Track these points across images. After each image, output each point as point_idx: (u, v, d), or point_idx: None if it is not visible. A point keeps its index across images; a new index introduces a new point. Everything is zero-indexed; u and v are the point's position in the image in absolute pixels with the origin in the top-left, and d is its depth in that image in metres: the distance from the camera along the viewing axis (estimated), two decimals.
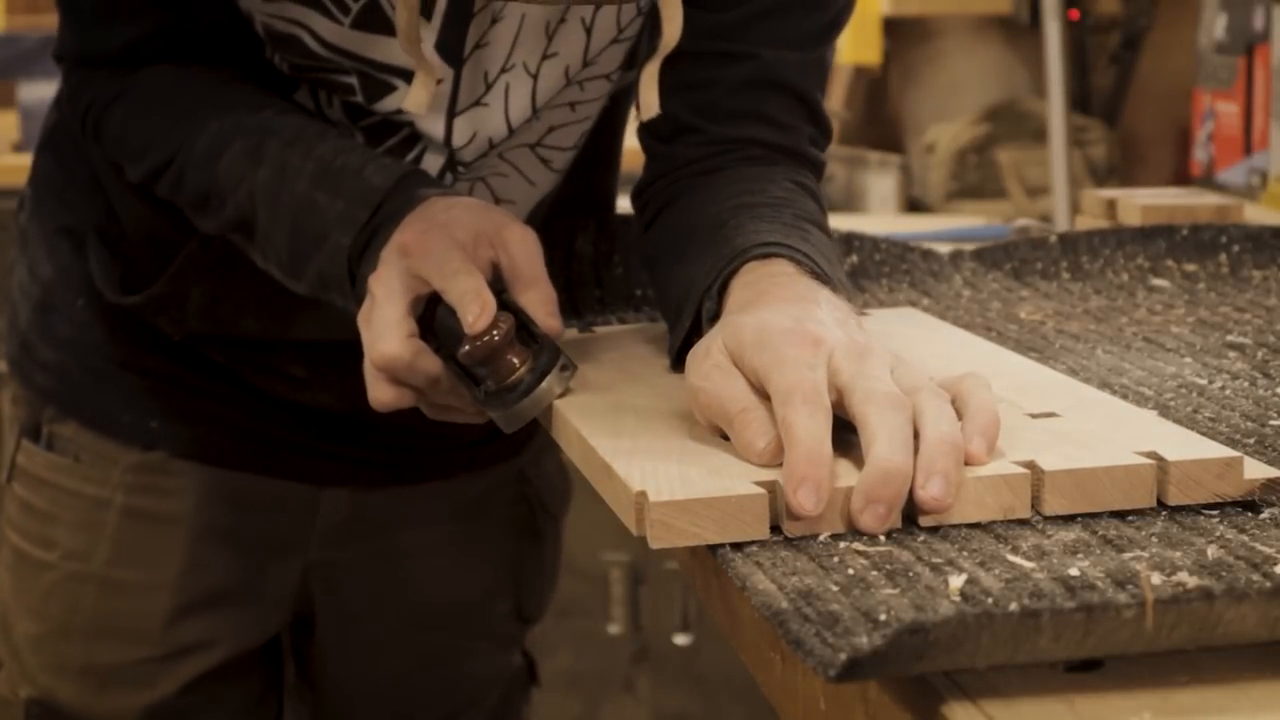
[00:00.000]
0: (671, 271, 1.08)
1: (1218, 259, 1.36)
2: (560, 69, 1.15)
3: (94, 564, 1.32)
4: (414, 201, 1.02)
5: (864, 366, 0.82)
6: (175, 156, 1.13)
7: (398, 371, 0.96)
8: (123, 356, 1.30)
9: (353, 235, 1.03)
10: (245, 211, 1.09)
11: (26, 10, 3.50)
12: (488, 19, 1.11)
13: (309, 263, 1.05)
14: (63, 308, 1.31)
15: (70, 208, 1.30)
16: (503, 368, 0.95)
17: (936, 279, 1.33)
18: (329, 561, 1.37)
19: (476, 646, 1.45)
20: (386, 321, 0.96)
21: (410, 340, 0.96)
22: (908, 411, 0.79)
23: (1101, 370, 1.05)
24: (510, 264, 0.98)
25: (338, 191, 1.04)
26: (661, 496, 0.76)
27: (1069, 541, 0.74)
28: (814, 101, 1.17)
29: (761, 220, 1.04)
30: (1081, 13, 2.84)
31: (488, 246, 0.98)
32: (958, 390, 0.83)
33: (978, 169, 2.80)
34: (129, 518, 1.32)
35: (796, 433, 0.78)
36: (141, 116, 1.17)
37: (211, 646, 1.34)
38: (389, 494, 1.37)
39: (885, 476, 0.76)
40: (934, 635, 0.62)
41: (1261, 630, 0.66)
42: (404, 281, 0.97)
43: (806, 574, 0.71)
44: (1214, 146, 2.34)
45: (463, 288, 0.95)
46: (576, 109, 1.19)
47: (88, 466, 1.31)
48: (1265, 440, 0.89)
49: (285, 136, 1.09)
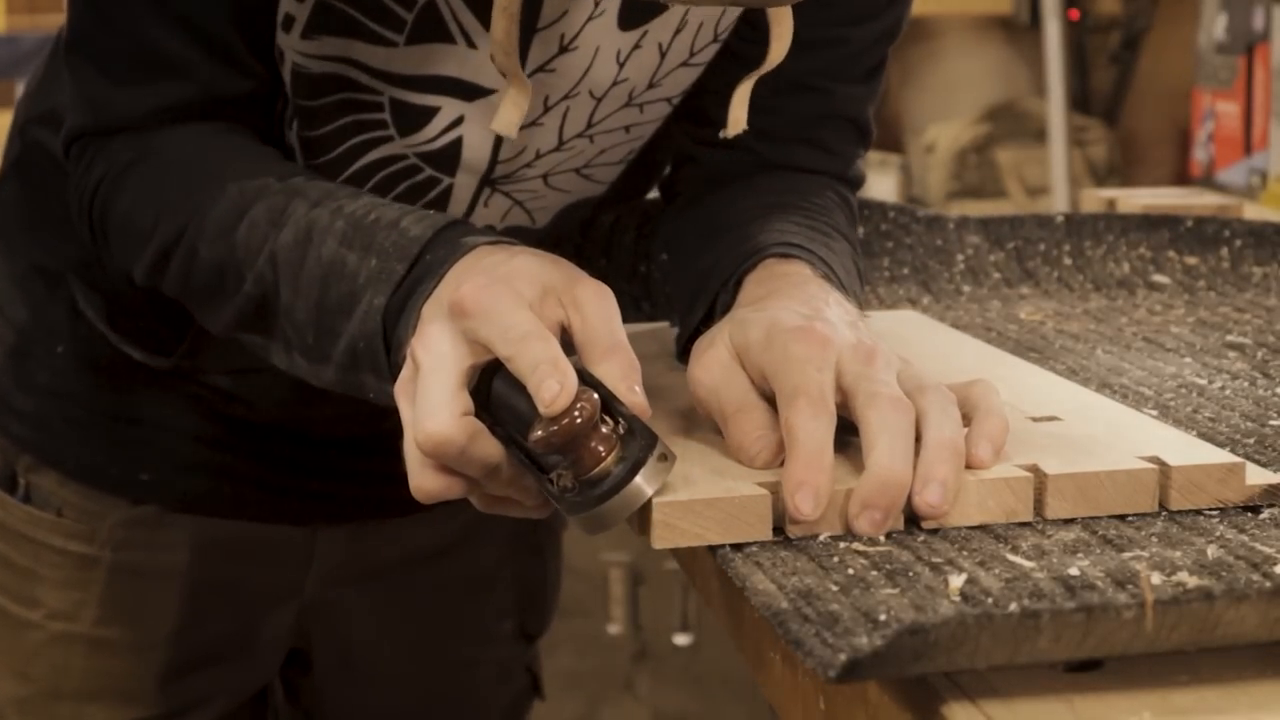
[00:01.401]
0: (692, 261, 1.06)
1: (1219, 253, 1.36)
2: (625, 91, 1.07)
3: (82, 624, 1.24)
4: (461, 250, 0.87)
5: (870, 369, 0.81)
6: (188, 228, 0.99)
7: (449, 458, 0.80)
8: (107, 405, 1.22)
9: (389, 294, 0.87)
10: (266, 284, 0.94)
11: (26, 10, 3.50)
12: (555, 43, 1.01)
13: (338, 338, 0.90)
14: (40, 354, 1.22)
15: (42, 244, 1.20)
16: (586, 457, 0.78)
17: (939, 259, 1.33)
18: (326, 601, 1.31)
19: (480, 672, 1.40)
20: (437, 395, 0.80)
21: (465, 420, 0.80)
22: (910, 416, 0.78)
23: (1101, 370, 1.05)
24: (584, 326, 0.82)
25: (370, 247, 0.89)
26: (664, 497, 0.76)
27: (1069, 541, 0.74)
28: (867, 126, 1.15)
29: (790, 221, 1.02)
30: (1081, 13, 2.85)
31: (556, 305, 0.83)
32: (968, 395, 0.82)
33: (978, 169, 2.80)
34: (119, 575, 1.24)
35: (798, 436, 0.78)
36: (155, 186, 1.02)
37: (208, 703, 1.28)
38: (385, 527, 1.30)
39: (882, 484, 0.76)
40: (934, 636, 0.63)
41: (1261, 630, 0.66)
42: (457, 346, 0.82)
43: (806, 574, 0.71)
44: (1214, 146, 2.34)
45: (536, 357, 0.78)
46: (631, 130, 1.10)
47: (72, 522, 1.23)
48: (1265, 440, 0.89)
49: (313, 197, 0.95)
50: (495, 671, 1.41)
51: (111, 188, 1.04)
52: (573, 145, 1.09)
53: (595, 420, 0.78)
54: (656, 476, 0.77)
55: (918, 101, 3.00)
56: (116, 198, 1.04)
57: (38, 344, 1.22)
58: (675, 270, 1.11)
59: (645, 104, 1.09)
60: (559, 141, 1.07)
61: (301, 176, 0.98)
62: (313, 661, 1.34)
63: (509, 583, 1.39)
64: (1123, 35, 2.89)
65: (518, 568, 1.40)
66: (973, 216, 1.38)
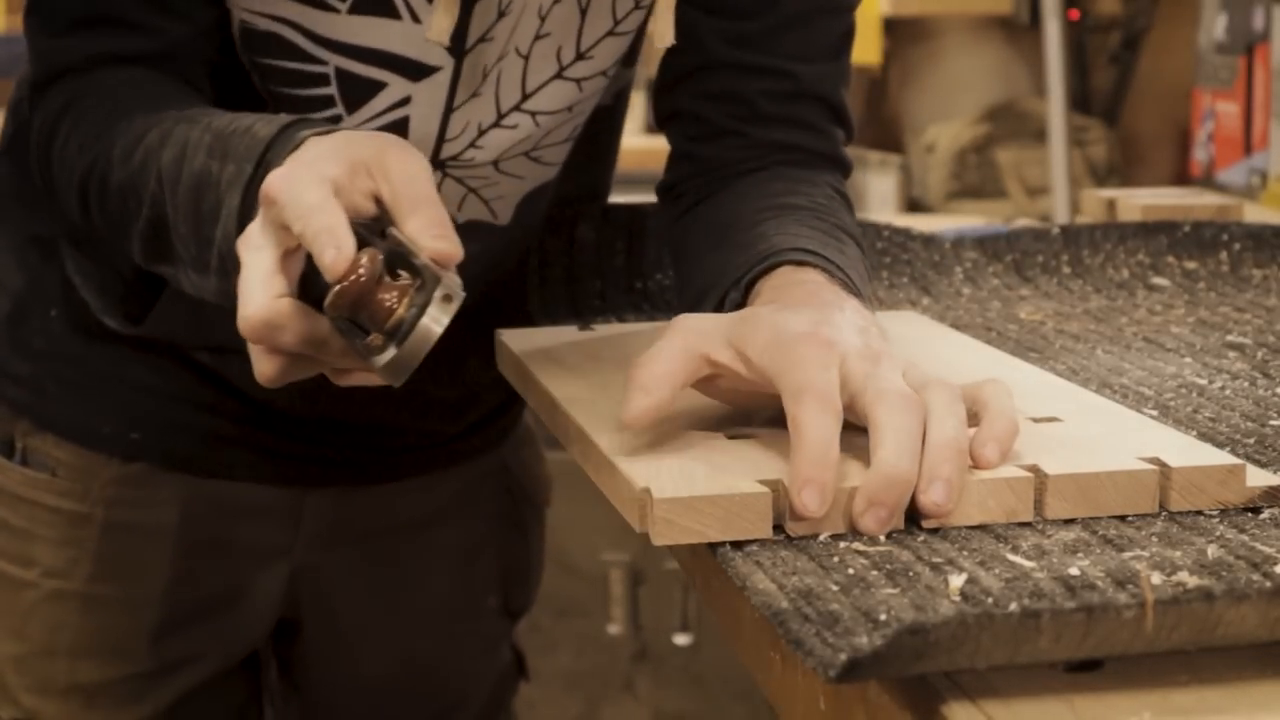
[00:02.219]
0: (701, 260, 1.07)
1: (1218, 256, 1.36)
2: (552, 50, 1.11)
3: (76, 581, 1.27)
4: (294, 144, 0.90)
5: (876, 369, 0.81)
6: (98, 159, 1.03)
7: (271, 337, 0.83)
8: (99, 367, 1.25)
9: (240, 195, 0.91)
10: (158, 204, 0.98)
11: None
12: (493, 11, 1.08)
13: (211, 246, 0.93)
14: (35, 319, 1.26)
15: (37, 215, 1.24)
16: (378, 312, 0.82)
17: (937, 270, 1.33)
18: (315, 565, 1.34)
19: (464, 645, 1.43)
20: (250, 282, 0.83)
21: (278, 300, 0.83)
22: (919, 414, 0.78)
23: (1101, 370, 1.05)
24: (391, 190, 0.86)
25: (228, 154, 0.93)
26: (665, 493, 0.76)
27: (1069, 541, 0.74)
28: (842, 106, 1.18)
29: (801, 225, 1.04)
30: (1081, 13, 2.85)
31: (365, 177, 0.86)
32: (978, 395, 0.82)
33: (978, 169, 2.81)
34: (111, 532, 1.27)
35: (805, 432, 0.78)
36: (78, 124, 1.06)
37: (200, 660, 1.31)
38: (373, 494, 1.34)
39: (888, 481, 0.76)
40: (934, 635, 0.63)
41: (1261, 630, 0.66)
42: (267, 234, 0.85)
43: (806, 574, 0.71)
44: (1214, 146, 2.34)
45: (316, 227, 0.82)
46: (574, 109, 1.17)
47: (66, 481, 1.26)
48: (1265, 440, 0.89)
49: (194, 118, 0.98)
50: (479, 645, 1.43)
51: (48, 135, 1.08)
52: (514, 120, 1.12)
53: (379, 275, 0.82)
54: (442, 314, 0.81)
55: (918, 101, 3.01)
56: (52, 143, 1.08)
57: (33, 310, 1.25)
58: (683, 269, 1.12)
59: (581, 80, 1.13)
60: (497, 113, 1.11)
61: (201, 107, 1.02)
62: (301, 629, 1.37)
63: (492, 557, 1.42)
64: (1123, 35, 2.89)
65: (501, 543, 1.42)
66: (968, 235, 1.39)
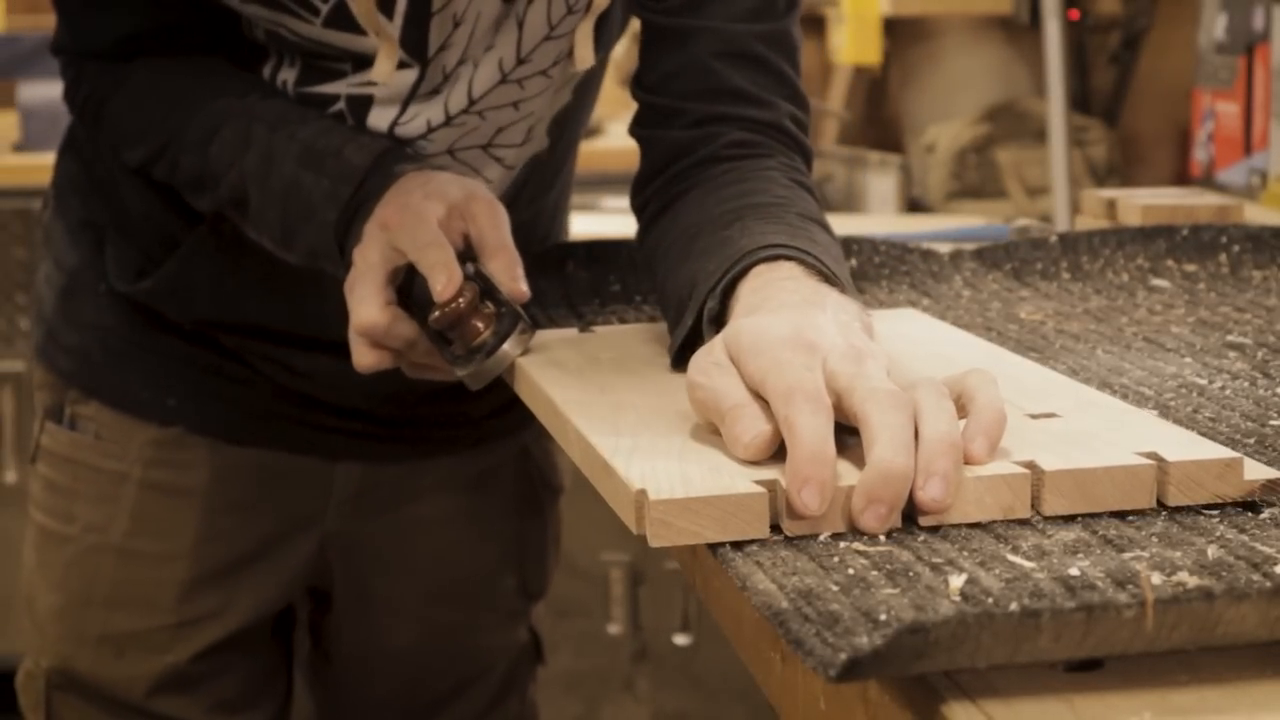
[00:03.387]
0: (675, 271, 1.09)
1: (1218, 259, 1.36)
2: (495, 62, 1.20)
3: (113, 535, 1.37)
4: (392, 178, 1.12)
5: (861, 368, 0.82)
6: (169, 143, 1.22)
7: (376, 336, 1.08)
8: (141, 339, 1.36)
9: (337, 211, 1.12)
10: (238, 191, 1.18)
11: (26, 10, 3.50)
12: (449, 22, 1.17)
13: (300, 236, 1.15)
14: (86, 293, 1.37)
15: (90, 205, 1.37)
16: (468, 332, 1.06)
17: (936, 280, 1.33)
18: (345, 533, 1.42)
19: (484, 620, 1.50)
20: (366, 291, 1.08)
21: (388, 308, 1.08)
22: (909, 410, 0.79)
23: (1101, 370, 1.05)
24: (478, 234, 1.09)
25: (322, 170, 1.14)
26: (661, 495, 0.76)
27: (1069, 541, 0.74)
28: (783, 74, 1.21)
29: (767, 221, 1.06)
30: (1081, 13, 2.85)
31: (459, 219, 1.09)
32: (963, 387, 0.82)
33: (978, 169, 2.80)
34: (147, 490, 1.37)
35: (800, 432, 0.78)
36: (136, 108, 1.25)
37: (224, 615, 1.39)
38: (400, 468, 1.42)
39: (886, 478, 0.76)
40: (934, 635, 0.62)
41: (1261, 630, 0.66)
42: (383, 254, 1.08)
43: (806, 574, 0.71)
44: (1214, 146, 2.34)
45: (432, 260, 1.06)
46: (520, 107, 1.24)
47: (107, 443, 1.37)
48: (1265, 440, 0.89)
49: (270, 120, 1.18)
50: (498, 620, 1.51)
51: (96, 109, 1.28)
52: (463, 121, 1.23)
53: (475, 304, 1.06)
54: (519, 344, 1.06)
55: (918, 101, 3.00)
56: (101, 117, 1.28)
57: (84, 284, 1.37)
58: (659, 281, 1.14)
59: (522, 80, 1.23)
60: (446, 116, 1.22)
61: (255, 94, 1.21)
62: (333, 599, 1.46)
63: (511, 537, 1.50)
64: (1123, 35, 2.89)
65: (520, 524, 1.50)
66: (967, 249, 1.38)
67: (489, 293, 1.07)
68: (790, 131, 1.20)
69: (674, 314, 1.06)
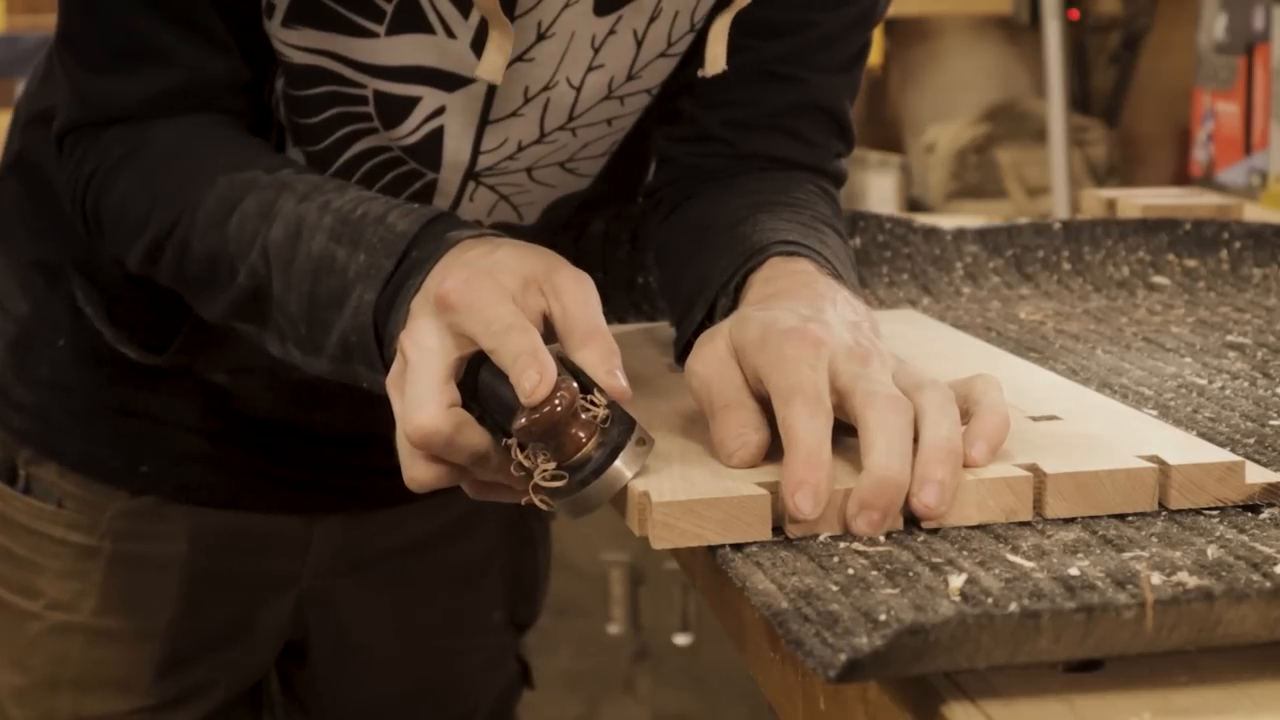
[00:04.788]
0: (685, 266, 1.06)
1: (1219, 255, 1.36)
2: (604, 80, 1.08)
3: (82, 614, 1.25)
4: (446, 245, 0.89)
5: (865, 369, 0.81)
6: (180, 220, 1.01)
7: (437, 447, 0.83)
8: (107, 397, 1.22)
9: (378, 289, 0.90)
10: (259, 277, 0.96)
11: (26, 10, 3.50)
12: (532, 31, 1.03)
13: (330, 330, 0.92)
14: (41, 347, 1.23)
15: (43, 239, 1.21)
16: (567, 444, 0.80)
17: (938, 266, 1.33)
18: (322, 590, 1.32)
19: (471, 661, 1.42)
20: (424, 388, 0.82)
21: (452, 411, 0.82)
22: (908, 415, 0.78)
23: (1101, 370, 1.05)
24: (563, 314, 0.84)
25: (358, 243, 0.92)
26: (664, 497, 0.76)
27: (1069, 541, 0.74)
28: (845, 119, 1.15)
29: (780, 219, 1.03)
30: (1081, 13, 2.85)
31: (537, 295, 0.85)
32: (969, 391, 0.82)
33: (978, 169, 2.80)
34: (119, 565, 1.25)
35: (797, 435, 0.77)
36: (147, 178, 1.04)
37: (206, 692, 1.30)
38: (381, 517, 1.32)
39: (880, 484, 0.75)
40: (934, 636, 0.62)
41: (1261, 630, 0.66)
42: (443, 340, 0.84)
43: (806, 574, 0.71)
44: (1214, 146, 2.34)
45: (517, 348, 0.80)
46: (614, 123, 1.12)
47: (73, 513, 1.24)
48: (1265, 440, 0.89)
49: (301, 190, 0.97)
50: (486, 660, 1.43)
51: (104, 180, 1.05)
52: (555, 138, 1.10)
53: (575, 408, 0.80)
54: (635, 460, 0.79)
55: (918, 101, 3.00)
56: (109, 190, 1.05)
57: (39, 337, 1.23)
58: (667, 277, 1.12)
59: (625, 96, 1.10)
60: (540, 133, 1.09)
61: (289, 169, 1.00)
62: (309, 652, 1.36)
63: (500, 572, 1.41)
64: (1123, 35, 2.89)
65: (509, 558, 1.41)
66: (970, 227, 1.39)
67: (585, 390, 0.81)
68: (829, 169, 1.15)
69: (682, 307, 1.03)
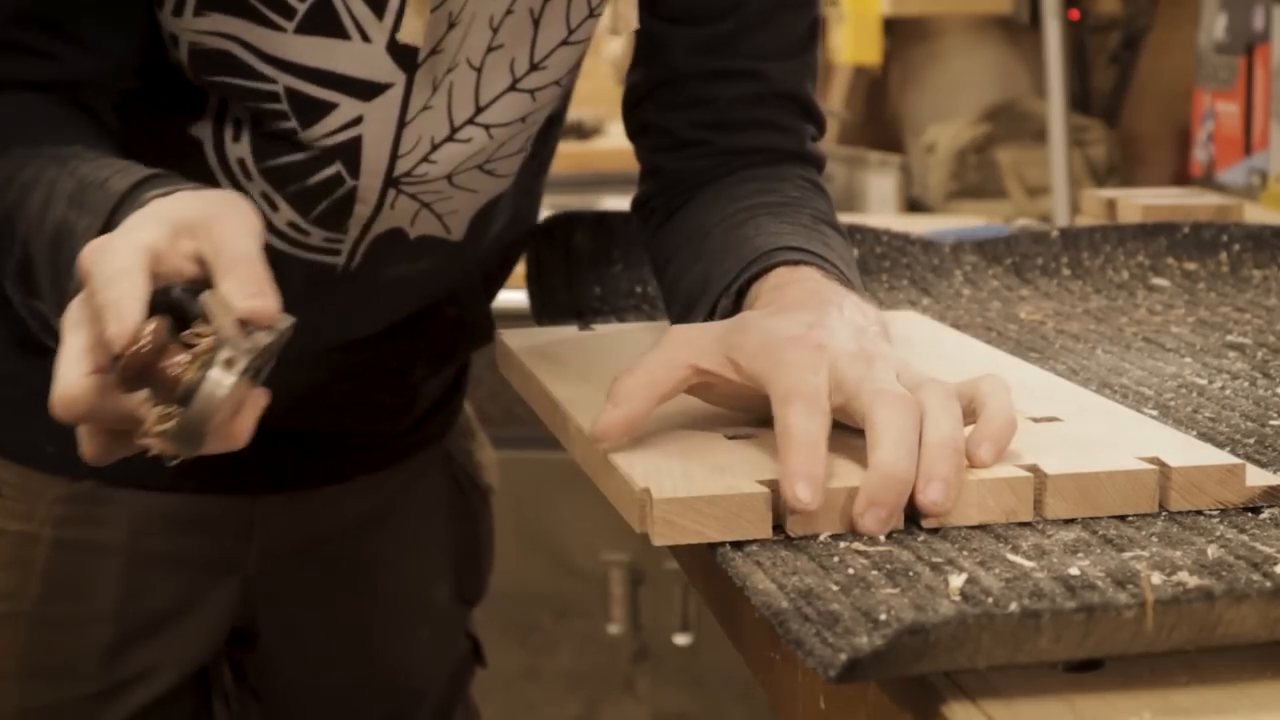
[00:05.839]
0: (686, 271, 1.07)
1: (1218, 257, 1.36)
2: (505, 63, 1.11)
3: (24, 602, 1.25)
4: (139, 205, 0.88)
5: (870, 370, 0.81)
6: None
7: (83, 416, 0.82)
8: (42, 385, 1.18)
9: None
10: (26, 245, 0.96)
11: None
12: (443, 22, 1.07)
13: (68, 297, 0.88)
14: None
15: None
16: (165, 380, 0.79)
17: (937, 274, 1.33)
18: (268, 571, 1.32)
19: (421, 636, 1.42)
20: (65, 360, 0.81)
21: (89, 378, 0.81)
22: (915, 414, 0.78)
23: (1101, 370, 1.05)
24: (212, 250, 0.84)
25: (84, 206, 0.91)
26: (665, 494, 0.76)
27: (1069, 541, 0.74)
28: (810, 102, 1.19)
29: (782, 221, 1.04)
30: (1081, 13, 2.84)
31: (188, 238, 0.84)
32: (975, 392, 0.82)
33: (978, 169, 2.80)
34: (59, 551, 1.25)
35: (792, 431, 0.78)
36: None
37: (153, 676, 1.29)
38: (322, 496, 1.33)
39: (886, 480, 0.76)
40: (934, 635, 0.63)
41: (1261, 630, 0.66)
42: (84, 309, 0.82)
43: (807, 573, 0.71)
44: (1214, 146, 2.34)
45: (104, 299, 0.80)
46: (527, 120, 1.16)
47: (11, 501, 1.24)
48: (1265, 440, 0.89)
49: (64, 154, 0.97)
50: (435, 636, 1.43)
51: None
52: (467, 134, 1.12)
53: (164, 345, 0.79)
54: (225, 376, 0.79)
55: (918, 101, 3.00)
56: None
57: None
58: (668, 281, 1.12)
59: (536, 90, 1.13)
60: (450, 128, 1.11)
61: (80, 144, 0.99)
62: (257, 636, 1.36)
63: (443, 547, 1.42)
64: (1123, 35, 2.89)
65: (452, 533, 1.42)
66: (968, 240, 1.39)
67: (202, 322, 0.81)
68: (809, 153, 1.18)
69: (681, 309, 1.04)
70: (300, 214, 1.12)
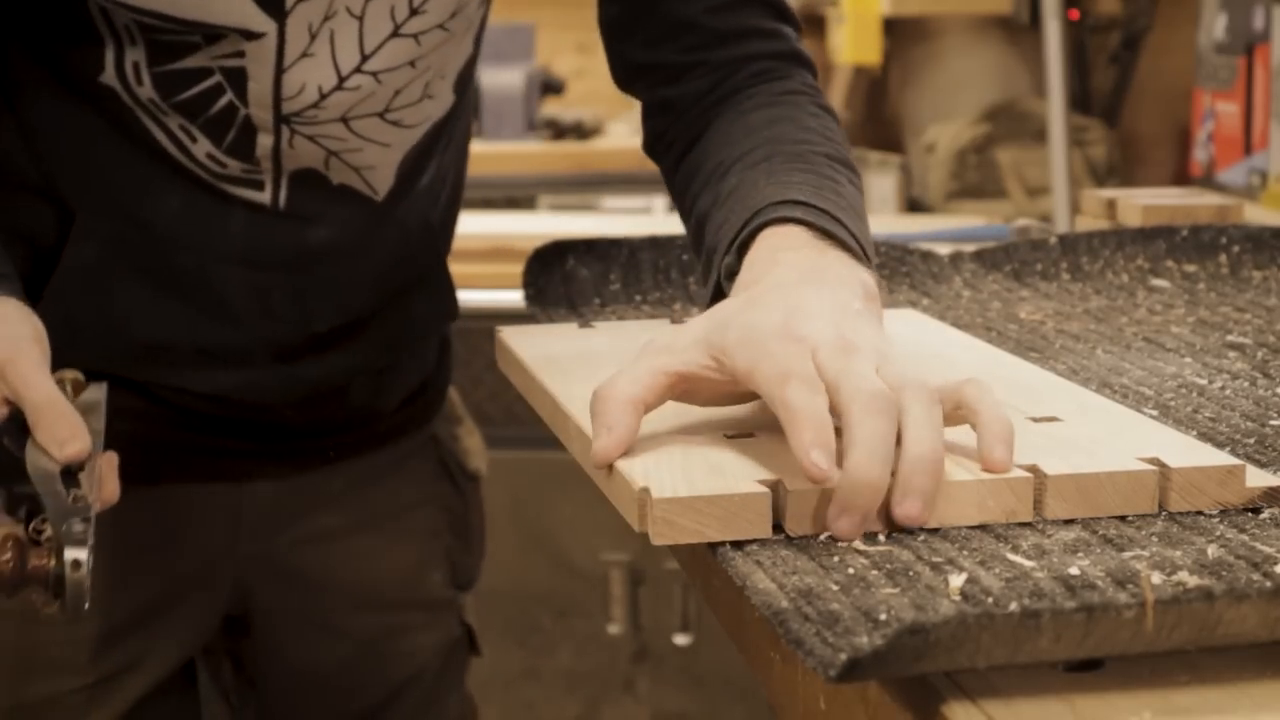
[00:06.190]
0: (708, 218, 1.08)
1: (1218, 259, 1.36)
2: (385, 10, 1.15)
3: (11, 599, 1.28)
4: None
5: (849, 363, 0.81)
6: None
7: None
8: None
9: None
10: None
11: None
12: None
13: None
14: None
15: None
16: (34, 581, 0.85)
17: (936, 280, 1.33)
18: (258, 558, 1.34)
19: (413, 619, 1.43)
20: None
21: None
22: (891, 415, 0.78)
23: (1101, 370, 1.05)
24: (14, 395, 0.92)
25: None
26: (664, 493, 0.76)
27: (1069, 540, 0.74)
28: (782, 4, 1.22)
29: (794, 165, 1.05)
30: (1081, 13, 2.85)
31: None
32: (962, 396, 0.81)
33: (978, 169, 2.80)
34: None
35: (797, 406, 0.78)
36: None
37: (143, 667, 1.30)
38: (309, 480, 1.34)
39: (857, 488, 0.75)
40: (934, 635, 0.63)
41: (1261, 630, 0.66)
42: None
43: (807, 573, 0.71)
44: (1214, 146, 2.34)
45: None
46: (417, 65, 1.19)
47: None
48: (1265, 440, 0.89)
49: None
50: (428, 619, 1.44)
51: None
52: (356, 83, 1.16)
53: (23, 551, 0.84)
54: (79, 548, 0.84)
55: (918, 101, 3.00)
56: None
57: None
58: (690, 227, 1.14)
59: (419, 34, 1.16)
60: (338, 77, 1.15)
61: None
62: (251, 623, 1.37)
63: (433, 530, 1.43)
64: (1123, 35, 2.89)
65: (441, 515, 1.43)
66: (966, 250, 1.38)
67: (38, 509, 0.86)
68: (800, 54, 1.21)
69: (704, 260, 1.07)
70: (214, 143, 1.17)
